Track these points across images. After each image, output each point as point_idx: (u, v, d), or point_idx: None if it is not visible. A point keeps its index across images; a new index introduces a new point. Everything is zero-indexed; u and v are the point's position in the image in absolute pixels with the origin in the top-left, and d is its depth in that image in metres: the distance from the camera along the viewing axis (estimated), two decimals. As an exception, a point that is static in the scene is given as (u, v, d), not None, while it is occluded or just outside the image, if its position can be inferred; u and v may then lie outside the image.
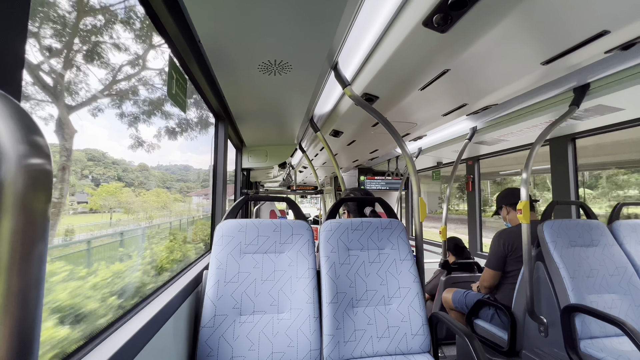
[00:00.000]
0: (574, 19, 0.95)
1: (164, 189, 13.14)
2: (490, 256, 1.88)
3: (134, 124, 7.53)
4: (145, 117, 7.55)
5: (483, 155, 3.09)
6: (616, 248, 1.61)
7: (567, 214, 2.21)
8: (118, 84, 6.43)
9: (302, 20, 1.02)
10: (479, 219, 3.18)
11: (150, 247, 5.45)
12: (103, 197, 8.97)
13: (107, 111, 6.82)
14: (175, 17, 0.96)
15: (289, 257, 1.29)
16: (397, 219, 1.48)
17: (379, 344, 1.19)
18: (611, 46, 1.10)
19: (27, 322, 0.27)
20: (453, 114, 1.91)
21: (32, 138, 0.29)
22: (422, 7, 0.92)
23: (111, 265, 3.37)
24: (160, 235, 7.53)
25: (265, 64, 1.33)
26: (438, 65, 1.27)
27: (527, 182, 1.53)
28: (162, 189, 12.42)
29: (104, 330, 0.76)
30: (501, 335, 1.73)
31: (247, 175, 4.14)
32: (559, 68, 1.29)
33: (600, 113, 1.74)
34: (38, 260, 0.28)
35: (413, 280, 1.32)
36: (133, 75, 6.66)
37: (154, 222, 9.49)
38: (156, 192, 11.40)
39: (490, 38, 1.05)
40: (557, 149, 2.25)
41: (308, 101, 1.83)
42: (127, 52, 5.69)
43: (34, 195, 0.28)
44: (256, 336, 1.14)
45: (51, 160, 0.30)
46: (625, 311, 1.44)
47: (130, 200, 9.63)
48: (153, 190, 11.76)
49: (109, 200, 8.98)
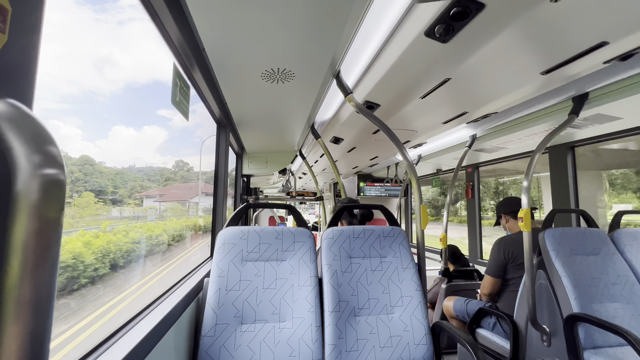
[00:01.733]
0: (573, 30, 0.97)
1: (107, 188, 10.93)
2: (491, 263, 1.88)
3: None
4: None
5: (482, 163, 3.10)
6: (617, 257, 1.61)
7: (567, 222, 2.21)
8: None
9: (306, 29, 1.03)
10: (478, 226, 3.18)
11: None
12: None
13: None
14: (180, 25, 0.97)
15: (290, 265, 1.28)
16: (398, 226, 1.48)
17: (382, 354, 1.18)
18: (610, 57, 1.12)
19: (38, 329, 0.27)
20: (453, 122, 1.93)
21: (46, 148, 0.29)
22: (425, 18, 0.93)
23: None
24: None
25: (268, 72, 1.35)
26: (439, 74, 1.28)
27: (528, 190, 1.54)
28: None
29: (105, 340, 0.75)
30: (503, 344, 1.72)
31: (247, 181, 4.14)
32: (558, 78, 1.30)
33: (599, 122, 1.75)
34: (51, 268, 0.28)
35: (415, 288, 1.31)
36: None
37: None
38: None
39: (490, 48, 1.07)
40: (556, 157, 2.26)
41: (310, 109, 1.84)
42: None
43: (47, 204, 0.28)
44: (257, 345, 1.12)
45: (64, 169, 0.30)
46: (629, 320, 1.43)
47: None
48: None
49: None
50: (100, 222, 8.37)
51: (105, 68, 64.76)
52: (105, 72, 63.26)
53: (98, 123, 56.12)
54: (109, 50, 68.38)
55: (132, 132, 65.60)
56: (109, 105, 61.08)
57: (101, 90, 63.29)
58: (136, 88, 66.50)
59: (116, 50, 74.21)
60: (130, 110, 65.20)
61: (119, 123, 63.80)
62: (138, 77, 69.66)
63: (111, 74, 65.87)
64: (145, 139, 54.18)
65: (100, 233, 5.38)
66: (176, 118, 69.86)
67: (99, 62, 64.43)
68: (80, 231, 4.63)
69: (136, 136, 65.63)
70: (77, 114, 53.27)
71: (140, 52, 72.70)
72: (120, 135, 66.04)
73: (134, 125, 67.33)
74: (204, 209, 14.22)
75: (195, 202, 15.30)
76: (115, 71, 67.71)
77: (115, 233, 5.89)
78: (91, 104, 57.38)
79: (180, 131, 70.47)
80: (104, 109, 59.47)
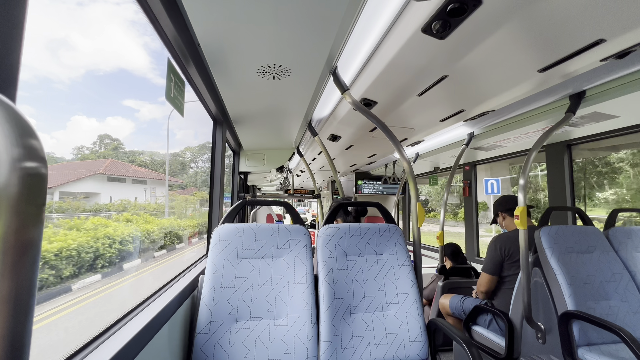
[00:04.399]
0: (570, 28, 0.96)
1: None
2: (487, 260, 1.89)
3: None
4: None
5: (480, 161, 3.11)
6: (612, 254, 1.62)
7: (563, 219, 2.22)
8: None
9: (302, 25, 1.02)
10: (475, 224, 3.19)
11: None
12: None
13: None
14: (174, 19, 0.96)
15: (286, 262, 1.28)
16: (395, 224, 1.48)
17: (377, 351, 1.18)
18: (606, 55, 1.12)
19: (18, 328, 0.27)
20: (451, 120, 1.92)
21: (28, 141, 0.28)
22: (422, 14, 0.92)
23: None
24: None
25: (265, 68, 1.33)
26: (436, 71, 1.27)
27: (524, 188, 1.54)
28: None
29: (98, 336, 0.75)
30: (499, 341, 1.73)
31: (244, 178, 4.13)
32: (555, 75, 1.30)
33: (596, 120, 1.76)
34: (31, 265, 0.27)
35: (411, 286, 1.31)
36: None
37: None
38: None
39: (488, 45, 1.06)
40: (553, 156, 2.27)
41: (307, 106, 1.83)
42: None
43: (28, 199, 0.27)
44: (252, 343, 1.12)
45: (46, 163, 0.29)
46: (623, 318, 1.44)
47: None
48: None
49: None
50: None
51: (61, 52, 59.71)
52: (62, 56, 58.09)
53: (55, 112, 51.18)
54: (65, 32, 62.47)
55: (94, 123, 60.72)
56: (68, 93, 56.20)
57: (58, 77, 57.62)
58: (99, 76, 61.64)
59: (75, 33, 68.15)
60: (92, 100, 59.86)
61: (78, 113, 58.93)
62: (101, 64, 64.71)
63: (69, 59, 60.31)
64: (109, 131, 50.08)
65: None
66: (144, 109, 66.46)
67: (54, 44, 58.92)
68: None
69: (99, 128, 61.09)
70: (30, 101, 47.97)
71: (104, 38, 67.65)
72: (81, 126, 61.82)
73: (97, 115, 62.25)
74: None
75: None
76: (75, 56, 61.95)
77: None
78: (47, 91, 52.56)
79: (148, 123, 66.19)
80: (61, 97, 54.62)
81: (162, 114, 64.91)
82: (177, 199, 16.11)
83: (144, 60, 65.37)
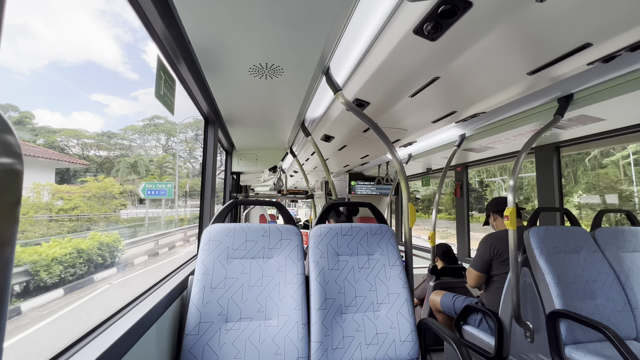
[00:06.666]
0: (558, 31, 0.98)
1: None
2: (477, 257, 1.91)
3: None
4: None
5: (471, 162, 3.14)
6: (598, 254, 1.65)
7: (551, 220, 2.26)
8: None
9: (294, 24, 1.02)
10: (467, 224, 3.22)
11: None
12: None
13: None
14: (165, 16, 0.95)
15: (277, 263, 1.27)
16: (387, 224, 1.48)
17: (368, 351, 1.18)
18: (593, 58, 1.14)
19: None
20: (442, 121, 1.94)
21: (2, 136, 0.27)
22: (413, 15, 0.93)
23: None
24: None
25: (257, 67, 1.33)
26: (428, 73, 1.28)
27: (514, 189, 1.56)
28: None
29: (83, 337, 0.73)
30: (488, 340, 1.74)
31: (237, 178, 4.10)
32: (544, 78, 1.32)
33: (583, 123, 1.79)
34: (3, 264, 0.26)
35: (402, 286, 1.31)
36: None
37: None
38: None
39: (478, 47, 1.07)
40: (542, 158, 2.31)
41: (299, 105, 1.83)
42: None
43: (2, 196, 0.26)
44: (242, 344, 1.11)
45: (22, 159, 0.28)
46: (608, 317, 1.47)
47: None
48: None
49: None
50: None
51: (19, 39, 54.89)
52: (20, 44, 53.25)
53: (16, 105, 45.14)
54: (25, 19, 57.21)
55: (58, 117, 54.44)
56: (29, 84, 50.36)
57: (17, 67, 50.67)
58: (64, 67, 54.87)
59: (36, 21, 62.96)
60: (56, 93, 54.34)
61: (41, 106, 52.23)
62: (67, 55, 59.98)
63: (30, 48, 55.78)
64: (74, 127, 45.74)
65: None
66: (114, 104, 62.73)
67: (11, 31, 53.78)
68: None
69: (64, 122, 54.74)
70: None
71: (71, 28, 62.54)
72: (43, 121, 54.99)
73: (61, 110, 56.31)
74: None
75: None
76: (36, 45, 57.23)
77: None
78: (3, 82, 47.35)
79: (118, 119, 60.68)
80: (21, 88, 48.84)
81: (134, 109, 62.14)
82: (78, 194, 11.29)
83: (115, 53, 62.53)
